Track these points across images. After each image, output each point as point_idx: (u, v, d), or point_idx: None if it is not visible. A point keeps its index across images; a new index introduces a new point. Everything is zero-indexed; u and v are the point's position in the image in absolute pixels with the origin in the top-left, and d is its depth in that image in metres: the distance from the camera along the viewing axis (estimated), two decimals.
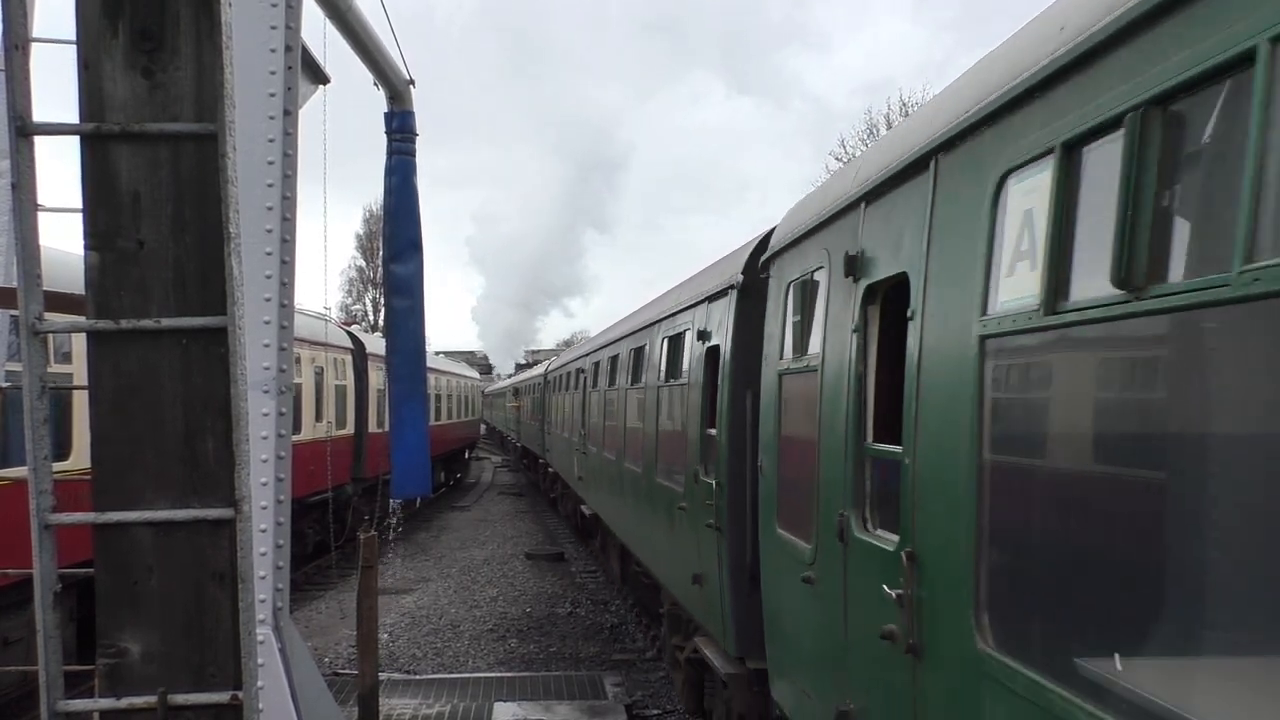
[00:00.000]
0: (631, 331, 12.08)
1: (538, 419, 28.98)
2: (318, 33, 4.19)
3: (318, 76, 4.09)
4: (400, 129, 5.29)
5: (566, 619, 13.89)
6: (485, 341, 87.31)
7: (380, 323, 57.81)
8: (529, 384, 34.92)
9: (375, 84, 5.17)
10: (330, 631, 13.08)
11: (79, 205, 2.89)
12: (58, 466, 3.59)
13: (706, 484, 7.43)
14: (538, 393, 29.25)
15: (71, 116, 2.87)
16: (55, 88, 3.47)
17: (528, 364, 57.08)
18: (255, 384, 2.89)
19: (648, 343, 10.76)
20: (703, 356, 7.90)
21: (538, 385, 29.45)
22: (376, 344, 21.30)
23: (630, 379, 11.82)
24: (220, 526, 2.86)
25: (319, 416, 17.86)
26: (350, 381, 20.27)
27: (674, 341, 9.38)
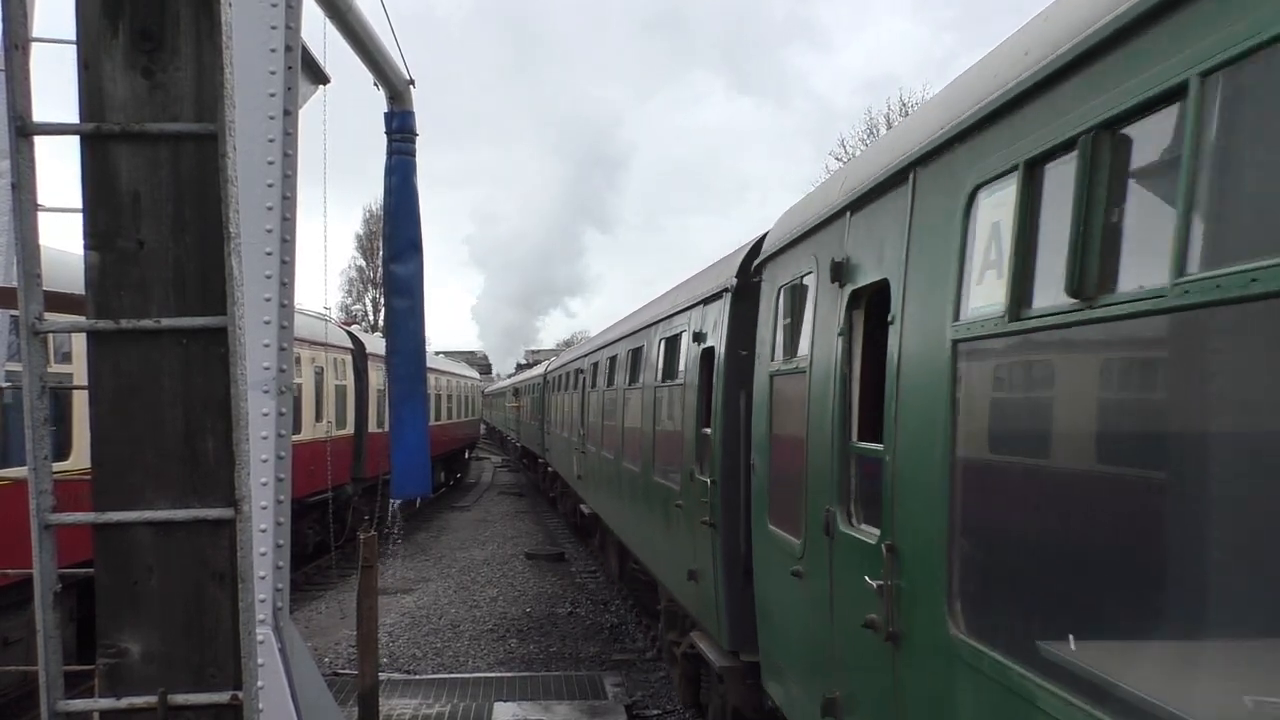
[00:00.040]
0: (630, 333, 12.21)
1: (537, 419, 29.01)
2: (318, 33, 4.19)
3: (318, 76, 4.10)
4: (400, 129, 5.30)
5: (566, 619, 13.90)
6: (485, 341, 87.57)
7: (380, 323, 57.82)
8: (529, 384, 34.95)
9: (375, 84, 5.18)
10: (330, 631, 13.08)
11: (79, 205, 2.89)
12: (58, 466, 3.59)
13: (702, 482, 7.53)
14: (537, 393, 29.28)
15: (71, 116, 2.87)
16: (55, 88, 3.48)
17: (528, 364, 57.07)
18: (255, 384, 2.89)
19: (645, 344, 10.87)
20: (698, 358, 8.01)
21: (537, 385, 29.48)
22: (376, 344, 21.31)
23: (628, 379, 11.94)
24: (220, 526, 2.86)
25: (319, 416, 17.86)
26: (350, 381, 20.27)
27: (671, 343, 9.49)
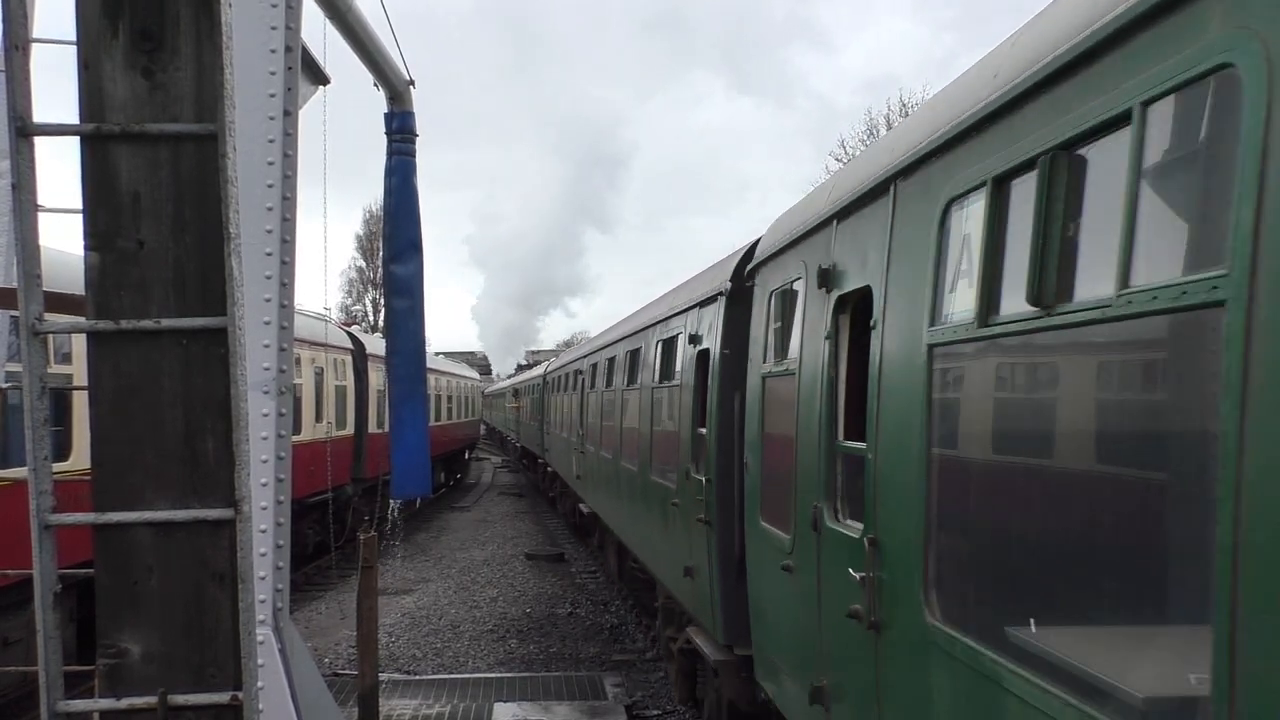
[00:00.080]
0: (628, 334, 12.37)
1: (537, 419, 29.03)
2: (318, 33, 4.19)
3: (318, 77, 4.10)
4: (400, 129, 5.30)
5: (566, 619, 13.90)
6: (485, 342, 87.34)
7: (380, 323, 57.82)
8: (528, 385, 34.97)
9: (375, 84, 5.18)
10: (330, 632, 13.08)
11: (79, 205, 2.89)
12: (58, 466, 3.59)
13: (697, 481, 7.69)
14: (537, 393, 29.30)
15: (71, 116, 2.87)
16: (55, 88, 3.48)
17: (528, 365, 57.07)
18: (255, 384, 2.89)
19: (643, 345, 11.03)
20: (694, 359, 8.17)
21: (537, 386, 29.51)
22: (376, 344, 21.30)
23: (626, 380, 12.08)
24: (220, 527, 2.86)
25: (319, 417, 17.86)
26: (350, 382, 20.27)
27: (667, 344, 9.65)
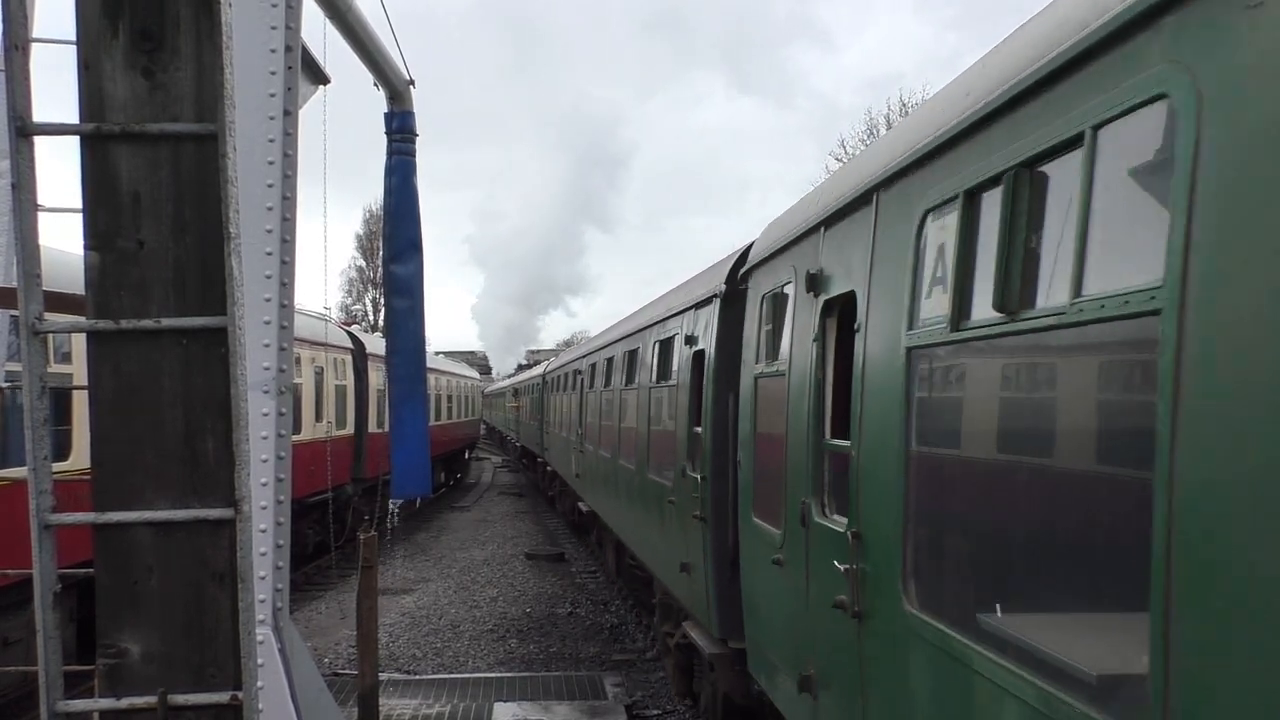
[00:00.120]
0: (626, 335, 12.55)
1: (537, 419, 29.05)
2: (318, 33, 4.19)
3: (318, 76, 4.10)
4: (400, 129, 5.30)
5: (566, 619, 13.90)
6: (485, 341, 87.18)
7: (380, 323, 57.81)
8: (528, 384, 34.99)
9: (375, 84, 5.18)
10: (330, 631, 13.08)
11: (79, 205, 2.89)
12: (58, 466, 3.59)
13: (693, 478, 7.87)
14: (537, 393, 29.32)
15: (71, 116, 2.86)
16: (55, 88, 3.47)
17: (528, 364, 57.06)
18: (255, 384, 2.89)
19: (641, 346, 11.20)
20: (690, 360, 8.34)
21: (537, 386, 29.53)
22: (376, 344, 21.30)
23: (625, 380, 12.25)
24: (220, 526, 2.86)
25: (319, 417, 17.86)
26: (350, 382, 20.27)
27: (664, 345, 9.82)
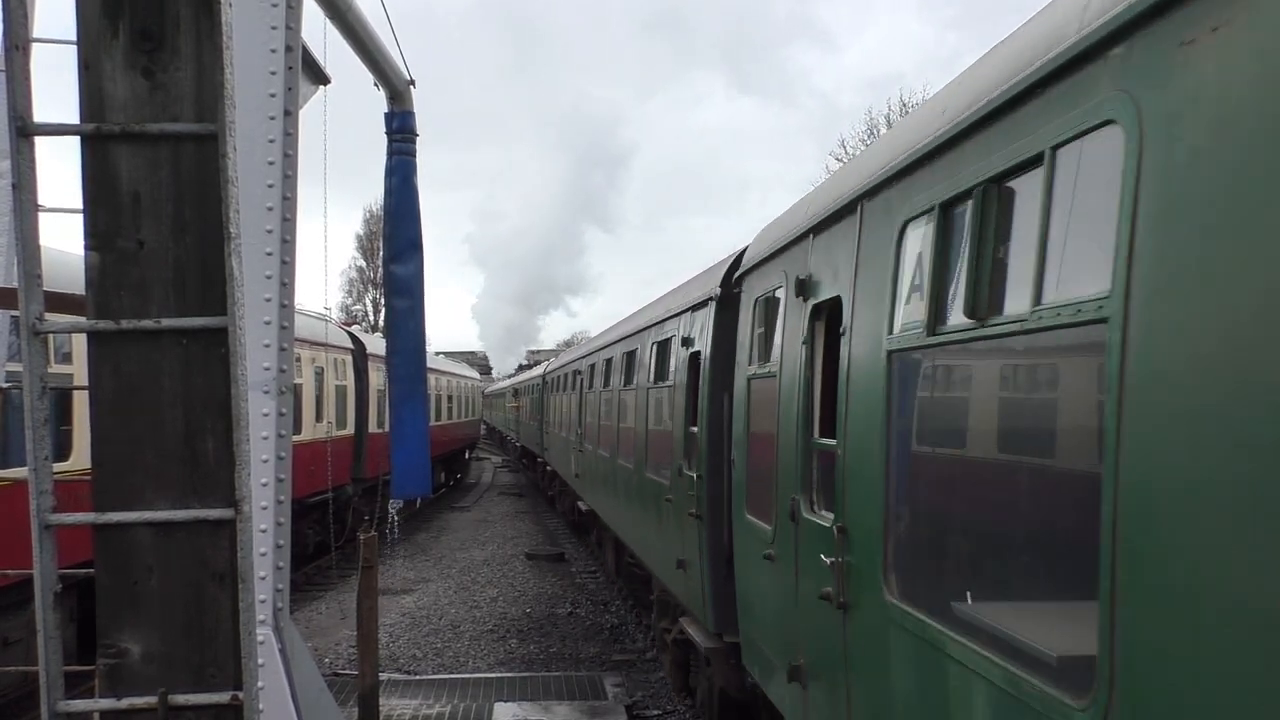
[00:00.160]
0: (624, 336, 12.69)
1: (536, 419, 29.06)
2: (318, 33, 4.19)
3: (318, 76, 4.10)
4: (400, 129, 5.30)
5: (567, 619, 13.90)
6: (485, 341, 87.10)
7: (380, 323, 57.81)
8: (528, 384, 35.01)
9: (375, 84, 5.18)
10: (330, 631, 13.08)
11: (79, 205, 2.89)
12: (58, 466, 3.59)
13: (689, 477, 8.04)
14: (536, 393, 29.34)
15: (71, 116, 2.86)
16: (55, 88, 3.47)
17: (529, 364, 57.07)
18: (255, 384, 2.89)
19: (639, 347, 11.34)
20: (686, 361, 8.52)
21: (536, 386, 29.54)
22: (376, 344, 21.30)
23: (623, 381, 12.37)
24: (220, 527, 2.86)
25: (319, 417, 17.86)
26: (350, 382, 20.27)
27: (662, 347, 9.98)
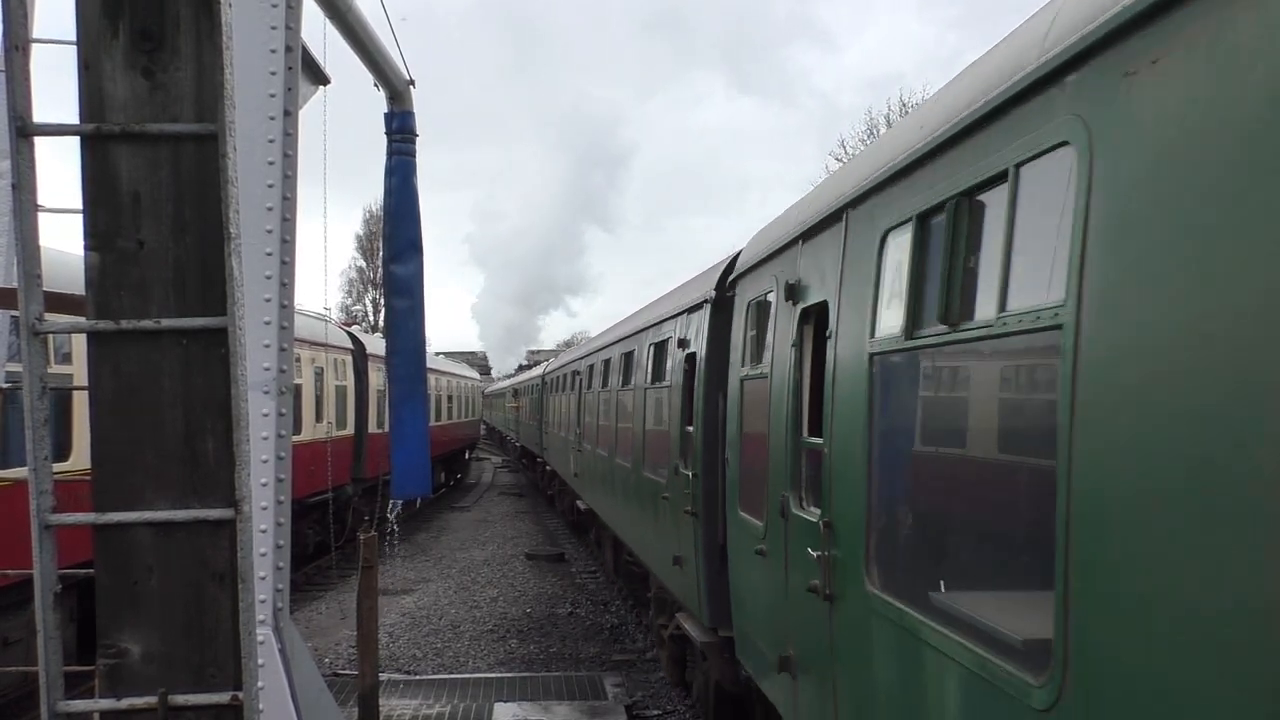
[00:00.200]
0: (623, 337, 12.85)
1: (536, 419, 29.07)
2: (318, 33, 4.19)
3: (318, 77, 4.10)
4: (400, 129, 5.30)
5: (567, 619, 13.90)
6: (485, 341, 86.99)
7: (380, 323, 57.81)
8: (528, 385, 35.02)
9: (375, 84, 5.18)
10: (330, 632, 13.08)
11: (79, 205, 2.89)
12: (58, 466, 3.59)
13: (685, 475, 8.22)
14: (536, 393, 29.35)
15: (71, 116, 2.86)
16: (55, 88, 3.47)
17: (529, 364, 57.08)
18: (255, 384, 2.89)
19: (637, 348, 11.49)
20: (683, 362, 8.68)
21: (536, 386, 29.56)
22: (376, 344, 21.30)
23: (621, 381, 12.52)
24: (220, 527, 2.86)
25: (319, 417, 17.86)
26: (350, 382, 20.26)
27: (659, 348, 10.14)
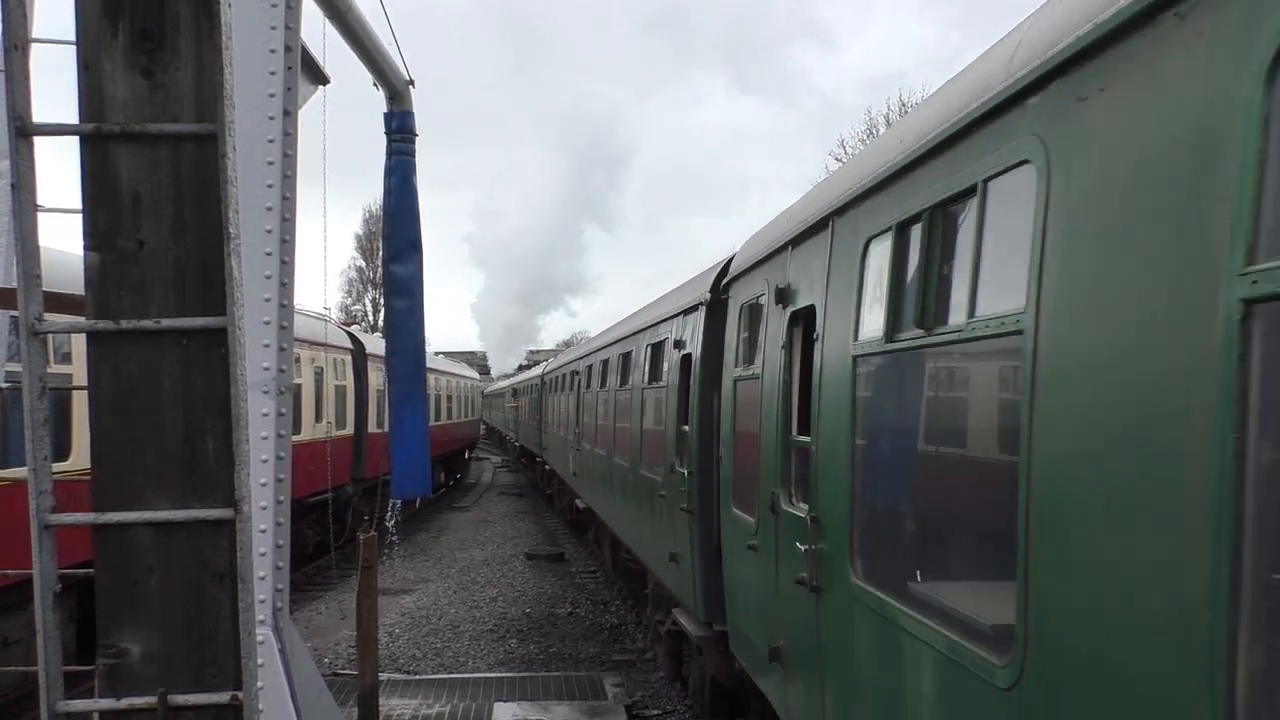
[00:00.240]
0: (620, 338, 13.02)
1: (535, 419, 29.08)
2: (318, 33, 4.19)
3: (318, 77, 4.09)
4: (400, 129, 5.29)
5: (566, 619, 13.90)
6: (485, 341, 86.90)
7: (380, 323, 57.81)
8: (527, 385, 35.02)
9: (375, 84, 5.17)
10: (330, 631, 13.08)
11: (79, 205, 2.89)
12: (58, 466, 3.59)
13: (681, 474, 8.35)
14: (535, 393, 29.36)
15: (71, 116, 2.86)
16: (55, 88, 3.47)
17: (529, 364, 57.08)
18: (255, 384, 2.89)
19: (634, 349, 11.64)
20: (679, 363, 8.81)
21: (535, 386, 29.56)
22: (376, 344, 21.29)
23: (619, 381, 12.65)
24: (220, 527, 2.86)
25: (319, 417, 17.85)
26: (350, 382, 20.26)
27: (656, 349, 10.29)
